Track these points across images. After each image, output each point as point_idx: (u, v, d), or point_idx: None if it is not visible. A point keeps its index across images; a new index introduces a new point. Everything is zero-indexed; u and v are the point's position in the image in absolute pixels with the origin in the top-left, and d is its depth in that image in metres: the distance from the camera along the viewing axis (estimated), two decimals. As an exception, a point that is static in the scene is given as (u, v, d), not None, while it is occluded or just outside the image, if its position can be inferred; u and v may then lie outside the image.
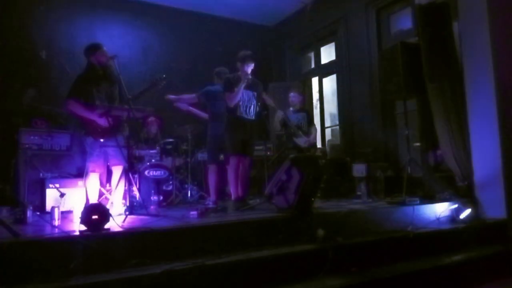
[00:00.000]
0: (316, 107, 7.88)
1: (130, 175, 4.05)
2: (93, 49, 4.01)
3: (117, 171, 4.03)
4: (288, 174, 3.68)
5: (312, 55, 7.93)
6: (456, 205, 4.24)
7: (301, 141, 5.44)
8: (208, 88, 5.03)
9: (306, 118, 5.65)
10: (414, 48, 4.76)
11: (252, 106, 4.47)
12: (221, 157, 4.91)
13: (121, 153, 3.89)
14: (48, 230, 3.07)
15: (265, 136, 5.46)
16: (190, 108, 5.37)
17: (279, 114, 5.37)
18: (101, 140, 3.86)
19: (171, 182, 5.33)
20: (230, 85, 4.35)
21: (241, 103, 4.37)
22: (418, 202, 4.18)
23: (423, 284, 3.26)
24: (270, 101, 5.26)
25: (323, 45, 7.62)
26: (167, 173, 5.24)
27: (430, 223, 4.00)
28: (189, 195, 5.48)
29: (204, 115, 5.32)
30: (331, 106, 7.75)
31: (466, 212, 4.18)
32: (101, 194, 4.13)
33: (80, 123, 3.91)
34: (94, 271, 2.43)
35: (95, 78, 3.94)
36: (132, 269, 2.49)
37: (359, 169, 5.29)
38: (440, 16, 4.68)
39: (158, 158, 5.43)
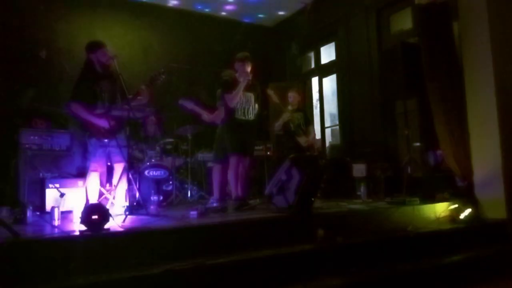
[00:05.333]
0: (316, 107, 7.87)
1: (130, 174, 4.05)
2: (95, 47, 3.98)
3: (119, 168, 4.04)
4: (288, 174, 3.68)
5: (312, 55, 7.93)
6: (456, 205, 4.23)
7: (302, 141, 5.44)
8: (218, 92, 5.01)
9: (304, 118, 5.66)
10: (414, 48, 4.76)
11: (251, 107, 4.49)
12: (224, 157, 4.88)
13: (122, 152, 3.90)
14: (48, 230, 3.08)
15: (265, 136, 5.46)
16: (195, 107, 5.10)
17: (285, 117, 5.37)
18: (104, 140, 3.87)
19: (171, 182, 5.33)
20: (229, 87, 4.38)
21: (238, 105, 4.40)
22: (418, 202, 4.19)
23: (423, 284, 3.25)
24: (276, 99, 5.25)
25: (323, 45, 7.62)
26: (167, 173, 5.24)
27: (430, 223, 4.00)
28: (189, 195, 5.48)
29: (206, 114, 5.05)
30: (331, 106, 7.74)
31: (466, 212, 4.18)
32: (101, 194, 4.13)
33: (82, 125, 3.91)
34: (94, 271, 2.43)
35: (96, 77, 3.94)
36: (132, 269, 2.49)
37: (359, 169, 5.29)
38: (440, 16, 4.68)
39: (158, 158, 5.43)
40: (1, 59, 5.63)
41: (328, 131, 7.65)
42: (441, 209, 4.19)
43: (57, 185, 4.32)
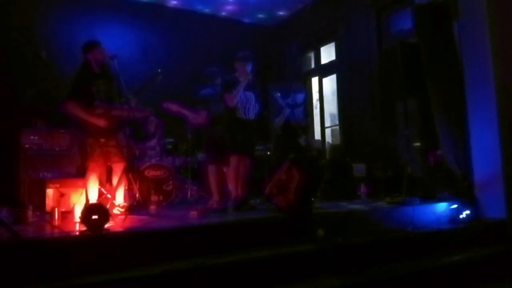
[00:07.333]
0: (316, 107, 7.87)
1: (130, 174, 4.05)
2: (91, 46, 4.00)
3: (118, 168, 4.03)
4: (288, 174, 3.68)
5: (312, 55, 7.93)
6: (456, 205, 4.23)
7: (302, 140, 5.43)
8: (201, 93, 4.99)
9: (303, 112, 5.65)
10: (414, 48, 4.75)
11: (251, 107, 4.49)
12: (219, 157, 4.89)
13: (121, 152, 3.90)
14: (48, 230, 3.08)
15: (265, 136, 5.46)
16: (180, 109, 4.96)
17: (285, 112, 5.36)
18: (102, 140, 3.87)
19: (171, 182, 5.33)
20: (229, 87, 4.37)
21: (239, 104, 4.39)
22: (418, 202, 4.19)
23: (423, 284, 3.25)
24: (280, 99, 5.26)
25: (323, 45, 7.62)
26: (167, 173, 5.24)
27: (430, 223, 3.99)
28: (189, 195, 5.48)
29: (192, 116, 4.95)
30: (331, 106, 7.74)
31: (466, 212, 4.17)
32: (101, 194, 4.13)
33: (80, 124, 3.91)
34: (94, 271, 2.43)
35: (93, 76, 3.94)
36: (132, 269, 2.50)
37: (359, 169, 5.30)
38: (440, 16, 4.68)
39: (158, 157, 5.43)
40: (1, 59, 5.63)
41: (328, 131, 7.65)
42: (441, 209, 4.19)
43: (57, 185, 4.32)
